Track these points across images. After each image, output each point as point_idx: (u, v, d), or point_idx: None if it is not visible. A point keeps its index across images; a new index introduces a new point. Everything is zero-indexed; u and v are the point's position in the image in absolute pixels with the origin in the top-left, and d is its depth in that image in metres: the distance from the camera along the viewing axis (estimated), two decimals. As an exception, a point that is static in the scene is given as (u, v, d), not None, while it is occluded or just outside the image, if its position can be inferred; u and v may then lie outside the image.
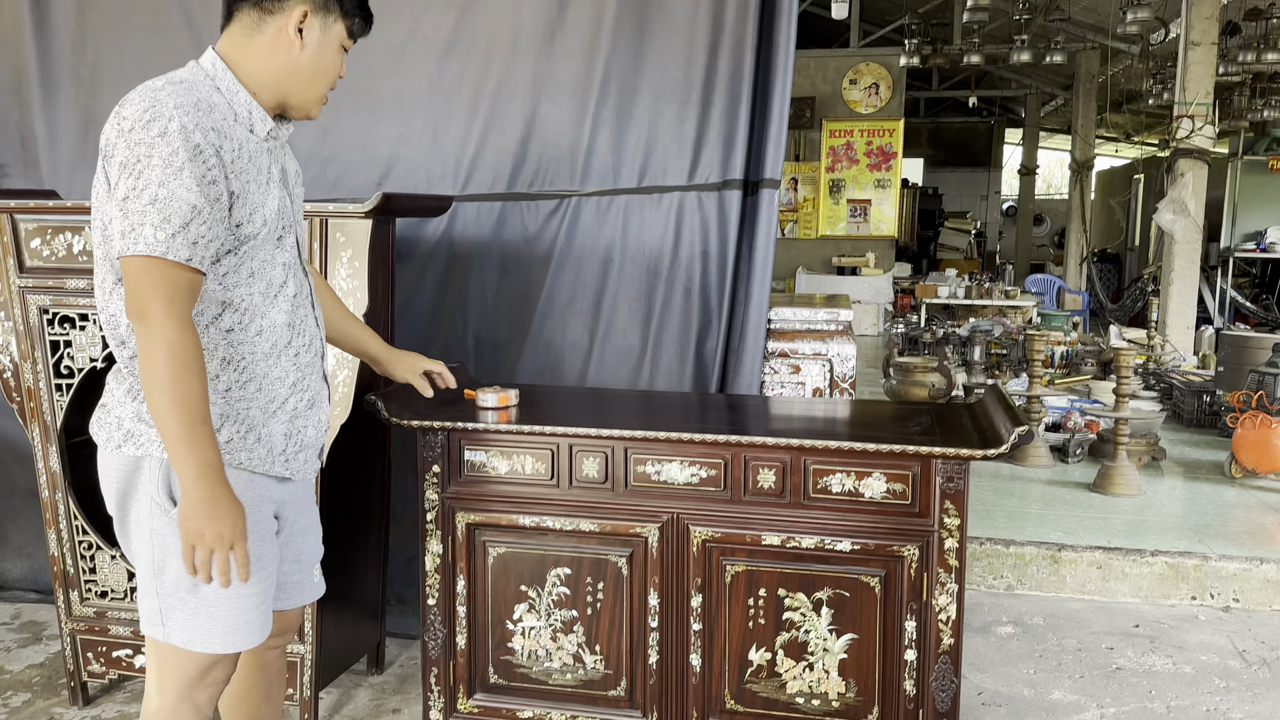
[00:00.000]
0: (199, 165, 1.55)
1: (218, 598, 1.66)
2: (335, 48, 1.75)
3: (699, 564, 2.11)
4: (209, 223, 1.57)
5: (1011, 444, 1.88)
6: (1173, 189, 7.26)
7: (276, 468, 1.75)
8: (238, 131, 1.64)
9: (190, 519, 1.57)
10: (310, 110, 1.78)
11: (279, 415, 1.75)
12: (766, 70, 2.98)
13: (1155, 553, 3.68)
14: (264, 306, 1.71)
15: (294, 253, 1.79)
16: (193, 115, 1.56)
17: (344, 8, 1.74)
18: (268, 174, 1.69)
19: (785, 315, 3.11)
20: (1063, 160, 19.65)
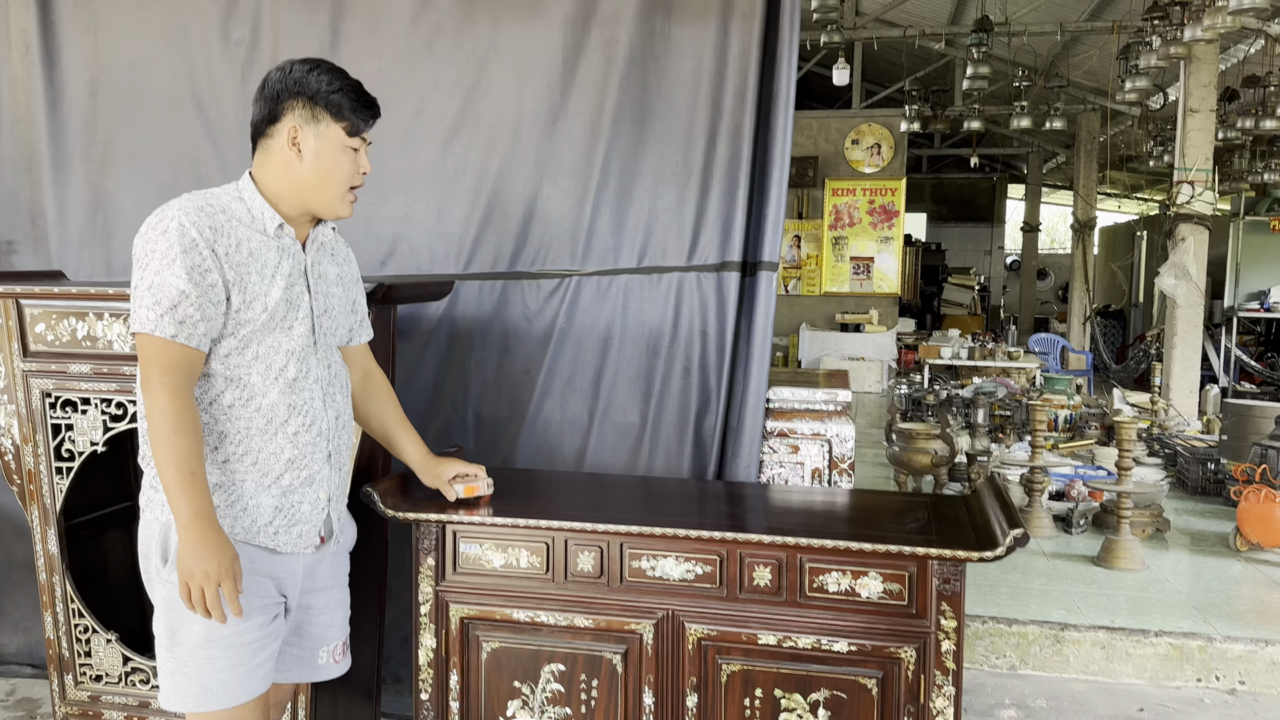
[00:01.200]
0: (191, 257, 1.77)
1: (190, 656, 1.84)
2: (336, 150, 1.89)
3: (694, 662, 2.09)
4: (198, 305, 1.78)
5: (1006, 548, 1.88)
6: (1174, 254, 7.29)
7: (262, 538, 1.89)
8: (240, 230, 1.85)
9: (184, 560, 1.75)
10: (335, 209, 1.95)
11: (271, 489, 1.89)
12: (764, 156, 3.02)
13: (1160, 633, 3.64)
14: (264, 386, 1.88)
15: (304, 341, 1.93)
16: (192, 215, 1.80)
17: (333, 112, 1.87)
18: (275, 269, 1.88)
19: (784, 395, 3.11)
20: (1065, 214, 19.77)
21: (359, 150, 1.94)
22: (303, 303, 1.93)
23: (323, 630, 2.06)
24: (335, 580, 2.10)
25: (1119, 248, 15.99)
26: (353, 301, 2.13)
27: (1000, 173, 18.83)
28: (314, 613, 2.04)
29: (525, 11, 3.10)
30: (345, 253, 2.15)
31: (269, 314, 1.86)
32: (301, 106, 1.87)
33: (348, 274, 2.11)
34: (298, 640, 2.03)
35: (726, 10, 2.99)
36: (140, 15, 3.26)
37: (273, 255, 1.88)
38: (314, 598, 2.03)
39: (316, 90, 1.86)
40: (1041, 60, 10.01)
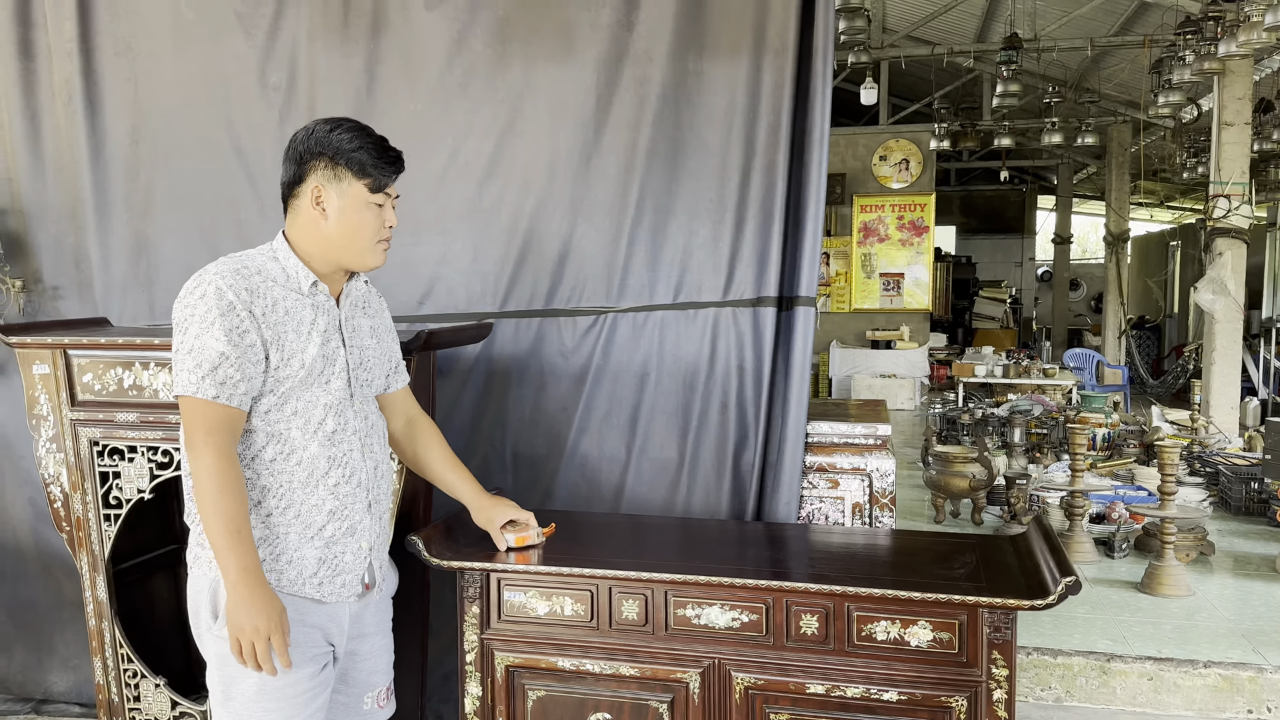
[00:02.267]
0: (229, 319, 1.83)
1: (245, 710, 1.88)
2: (360, 206, 1.93)
3: (742, 712, 2.08)
4: (238, 366, 1.83)
5: (1058, 597, 1.86)
6: (1211, 269, 7.20)
7: (307, 589, 1.93)
8: (276, 290, 1.90)
9: (234, 615, 1.79)
10: (365, 263, 1.98)
11: (314, 541, 1.93)
12: (799, 190, 3.02)
13: (1209, 664, 3.58)
14: (303, 440, 1.92)
15: (341, 395, 1.97)
16: (229, 279, 1.85)
17: (354, 170, 1.91)
18: (310, 326, 1.93)
19: (823, 429, 3.10)
20: (1097, 224, 19.60)
21: (384, 205, 1.97)
22: (338, 357, 1.97)
23: (368, 676, 2.10)
24: (379, 626, 2.14)
25: (1153, 258, 15.81)
26: (387, 351, 2.17)
27: (1030, 184, 18.69)
28: (359, 659, 2.08)
29: (558, 52, 3.13)
30: (378, 304, 2.19)
31: (306, 370, 1.91)
32: (324, 166, 1.91)
33: (380, 325, 2.15)
34: (344, 687, 2.07)
35: (759, 47, 3.00)
36: (179, 63, 3.32)
37: (308, 313, 1.93)
38: (359, 644, 2.07)
39: (338, 149, 1.90)
40: (1071, 74, 9.94)
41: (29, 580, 3.49)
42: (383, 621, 2.16)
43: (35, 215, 3.42)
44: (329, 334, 1.96)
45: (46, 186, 3.41)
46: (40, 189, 3.41)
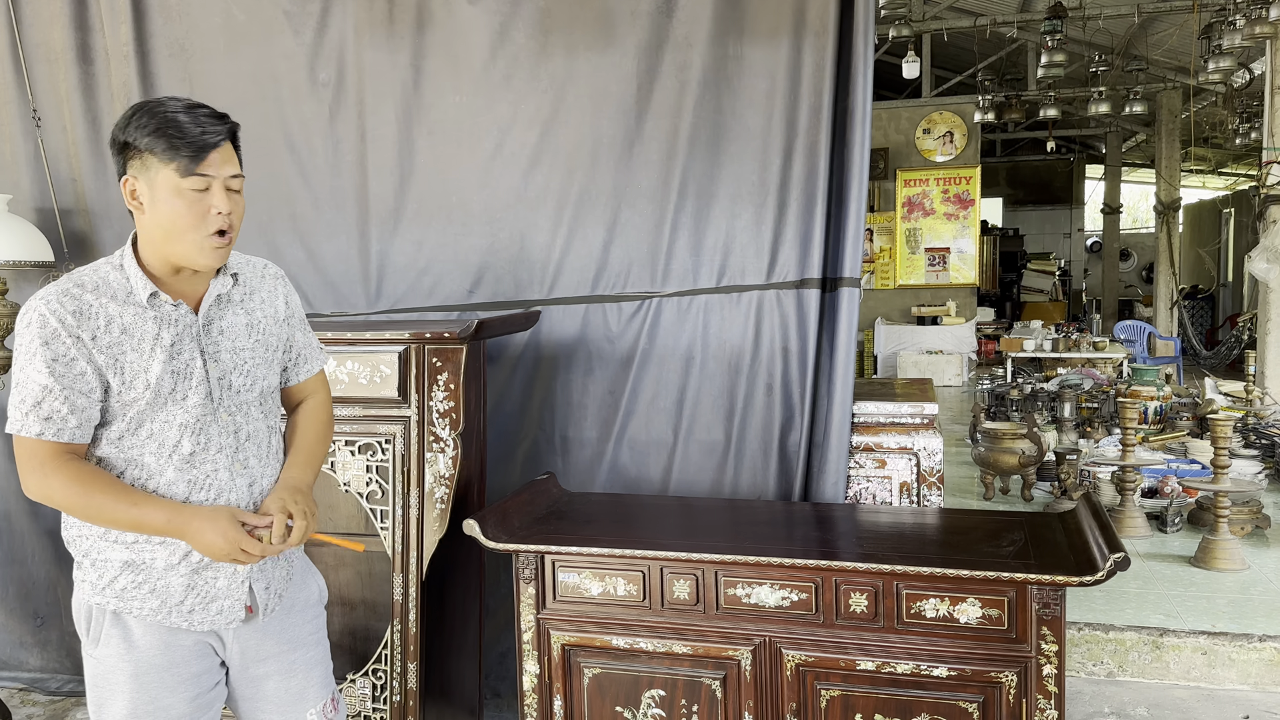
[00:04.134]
0: (53, 348, 1.66)
1: None
2: (171, 193, 1.68)
3: (793, 688, 2.13)
4: (64, 399, 1.68)
5: (1107, 573, 1.88)
6: (1265, 237, 7.05)
7: (173, 619, 1.79)
8: (110, 307, 1.71)
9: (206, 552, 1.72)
10: (194, 260, 1.73)
11: (180, 568, 1.78)
12: (842, 172, 3.03)
13: (1264, 638, 3.55)
14: (158, 466, 1.76)
15: (201, 411, 1.78)
16: (54, 302, 1.67)
17: (158, 155, 1.67)
18: (153, 341, 1.73)
19: (869, 409, 3.12)
20: (1146, 193, 19.20)
21: (209, 189, 1.69)
22: (193, 371, 1.77)
23: (299, 693, 1.94)
24: (294, 642, 1.95)
25: (1205, 226, 15.48)
26: (275, 344, 1.93)
27: (1078, 153, 18.34)
28: (275, 679, 1.92)
29: (599, 41, 3.16)
30: (267, 291, 1.94)
31: (153, 391, 1.73)
32: (133, 156, 1.70)
33: (267, 315, 1.91)
34: (271, 707, 1.93)
35: (799, 29, 3.01)
36: (231, 63, 3.40)
37: (150, 327, 1.73)
38: (266, 666, 1.91)
39: (136, 137, 1.68)
40: (1118, 41, 9.74)
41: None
42: (300, 637, 1.97)
43: (100, 214, 3.54)
44: (178, 347, 1.76)
45: (109, 186, 3.52)
46: (103, 188, 3.53)
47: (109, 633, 1.79)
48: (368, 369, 2.60)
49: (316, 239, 3.41)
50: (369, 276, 3.40)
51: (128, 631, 1.79)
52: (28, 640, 3.75)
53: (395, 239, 3.36)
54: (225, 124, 1.74)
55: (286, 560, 1.95)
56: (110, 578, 1.78)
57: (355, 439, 2.63)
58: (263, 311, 1.90)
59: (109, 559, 1.77)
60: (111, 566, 1.77)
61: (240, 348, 1.85)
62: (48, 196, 3.54)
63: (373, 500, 2.64)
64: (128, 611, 1.78)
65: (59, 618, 3.72)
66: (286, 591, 1.94)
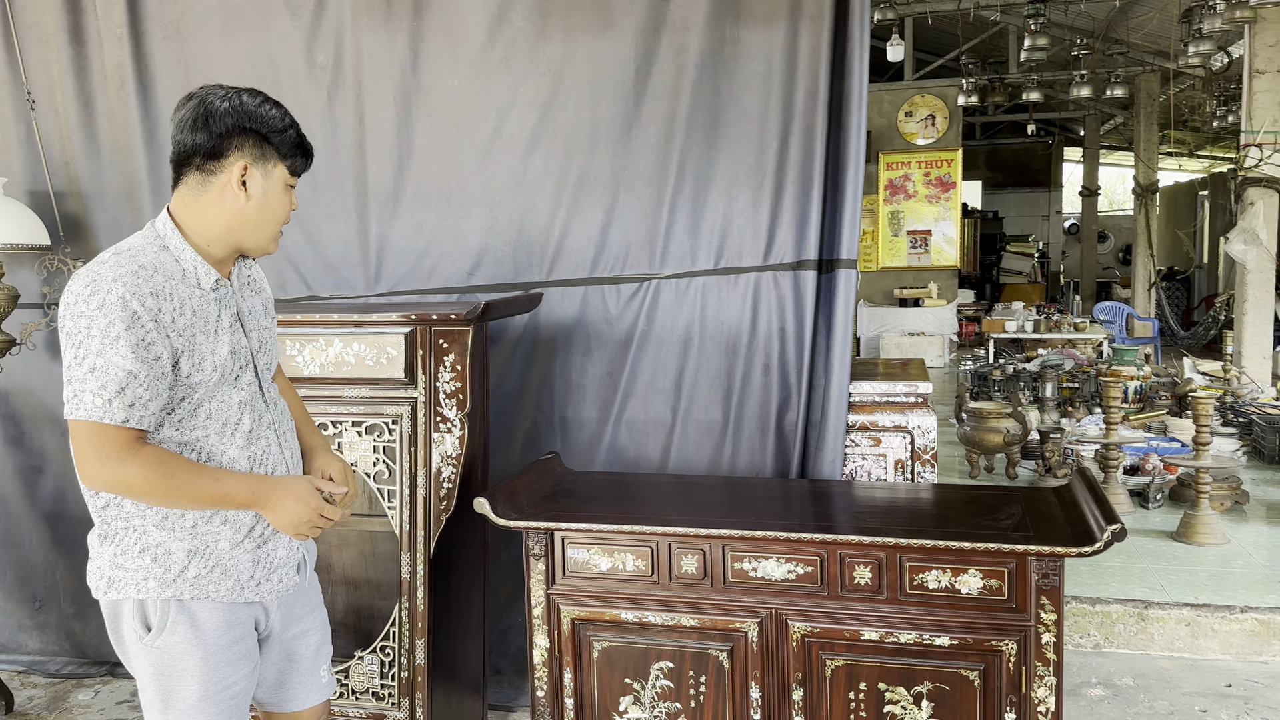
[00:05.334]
0: (135, 333, 1.63)
1: (186, 716, 1.78)
2: (280, 190, 1.80)
3: (799, 658, 2.19)
4: (146, 384, 1.65)
5: (1104, 543, 1.94)
6: (1243, 219, 7.17)
7: (246, 594, 1.83)
8: (180, 290, 1.71)
9: (286, 528, 1.82)
10: (266, 247, 1.85)
11: (245, 544, 1.82)
12: (838, 154, 3.07)
13: (1245, 609, 3.66)
14: (221, 444, 1.79)
15: (252, 388, 1.85)
16: (131, 284, 1.65)
17: (281, 152, 1.78)
18: (216, 323, 1.77)
19: (865, 389, 3.17)
20: (1124, 175, 19.37)
21: (292, 189, 1.86)
22: (243, 349, 1.84)
23: (316, 650, 2.03)
24: (312, 604, 2.04)
25: (1182, 209, 15.66)
26: (274, 326, 2.02)
27: (1056, 136, 18.48)
28: (301, 639, 2.00)
29: (597, 24, 3.18)
30: (258, 274, 2.01)
31: (220, 373, 1.77)
32: (253, 144, 1.74)
33: (268, 298, 2.00)
34: (300, 668, 2.00)
35: (795, 13, 3.04)
36: (228, 45, 3.40)
37: (213, 309, 1.78)
38: (299, 627, 1.99)
39: (270, 127, 1.76)
40: (1099, 25, 9.82)
41: (101, 549, 3.64)
42: (315, 598, 2.06)
43: (93, 197, 3.53)
44: (234, 328, 1.82)
45: (103, 169, 3.52)
46: (97, 171, 3.52)
47: (176, 620, 1.77)
48: (374, 350, 2.63)
49: (315, 222, 3.42)
50: (368, 259, 3.41)
51: (194, 618, 1.78)
52: (26, 623, 3.77)
53: (394, 222, 3.38)
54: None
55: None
56: (179, 569, 1.76)
57: (362, 420, 2.65)
58: (266, 294, 2.00)
59: (172, 551, 1.76)
60: (178, 558, 1.76)
61: (262, 327, 1.92)
62: (41, 179, 3.53)
63: (379, 480, 2.67)
64: (202, 598, 1.78)
65: (57, 601, 3.74)
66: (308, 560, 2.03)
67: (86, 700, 3.46)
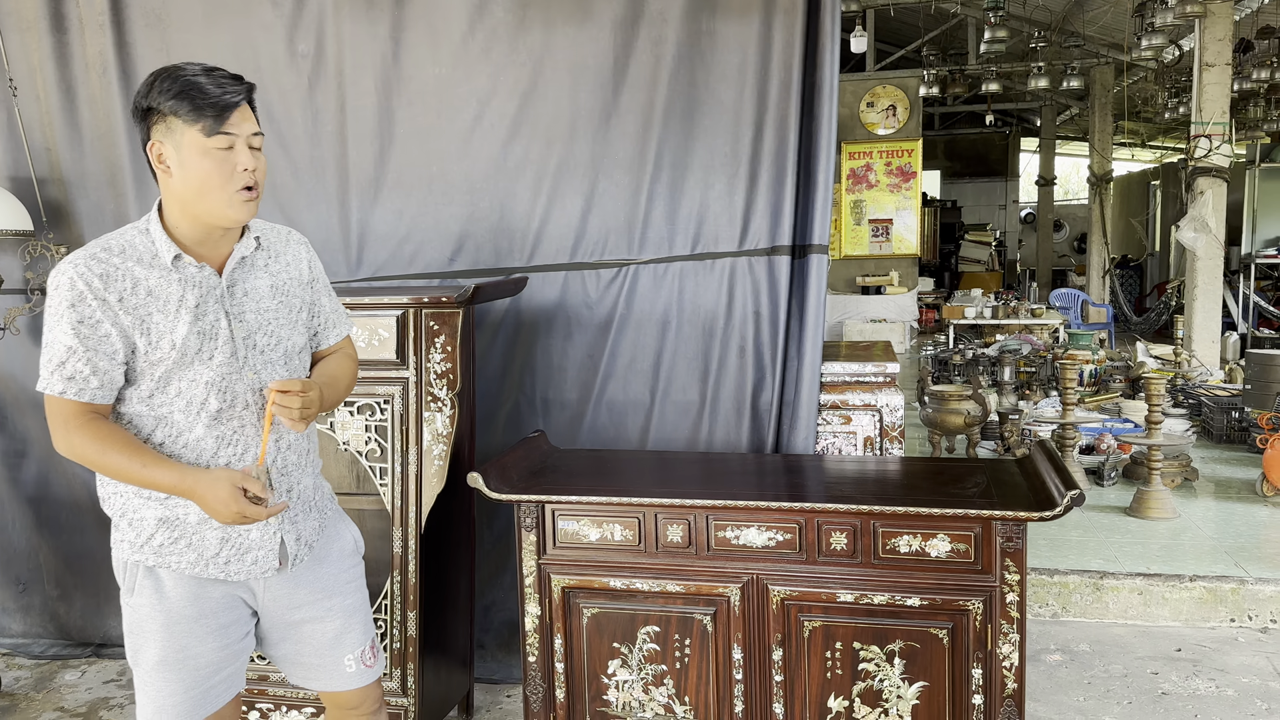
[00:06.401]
0: (77, 310, 1.74)
1: (147, 677, 1.89)
2: (199, 154, 1.75)
3: (779, 620, 2.31)
4: (86, 360, 1.75)
5: (1064, 508, 2.08)
6: (1193, 207, 7.41)
7: (211, 570, 1.87)
8: (137, 270, 1.78)
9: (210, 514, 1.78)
10: (225, 215, 1.79)
11: (212, 522, 1.84)
12: (810, 143, 3.19)
13: (1194, 578, 3.85)
14: (188, 422, 1.82)
15: (227, 370, 1.84)
16: (83, 265, 1.75)
17: (183, 117, 1.74)
18: (178, 303, 1.80)
19: (835, 369, 3.30)
20: (1079, 165, 19.78)
21: (233, 147, 1.77)
22: (219, 330, 1.83)
23: (336, 638, 2.02)
24: (327, 591, 2.02)
25: (1135, 198, 16.03)
26: (302, 305, 1.99)
27: (1014, 127, 18.82)
28: (311, 625, 2.00)
29: (576, 15, 3.27)
30: (290, 255, 1.99)
31: (179, 350, 1.79)
32: (157, 120, 1.76)
33: (290, 278, 1.96)
34: (309, 650, 2.02)
35: (769, 6, 3.15)
36: (210, 33, 3.44)
37: (175, 289, 1.80)
38: (301, 613, 1.99)
39: (159, 101, 1.75)
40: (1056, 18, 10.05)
41: (85, 531, 3.69)
42: (335, 586, 2.03)
43: (75, 184, 3.56)
44: (203, 308, 1.82)
45: (85, 156, 3.55)
46: (79, 158, 3.55)
47: (142, 584, 1.87)
48: (366, 332, 2.71)
49: (296, 208, 3.48)
50: (349, 244, 3.48)
51: (160, 584, 1.86)
52: (10, 606, 3.80)
53: (376, 208, 3.45)
54: (243, 84, 1.82)
55: (319, 511, 2.02)
56: (147, 535, 1.85)
57: (354, 400, 2.73)
58: (286, 274, 1.96)
59: (145, 517, 1.84)
60: (148, 525, 1.84)
61: (264, 309, 1.90)
62: (23, 166, 3.55)
63: (371, 458, 2.75)
64: (164, 566, 1.86)
65: (41, 584, 3.77)
66: (318, 542, 2.01)
67: (73, 680, 3.51)
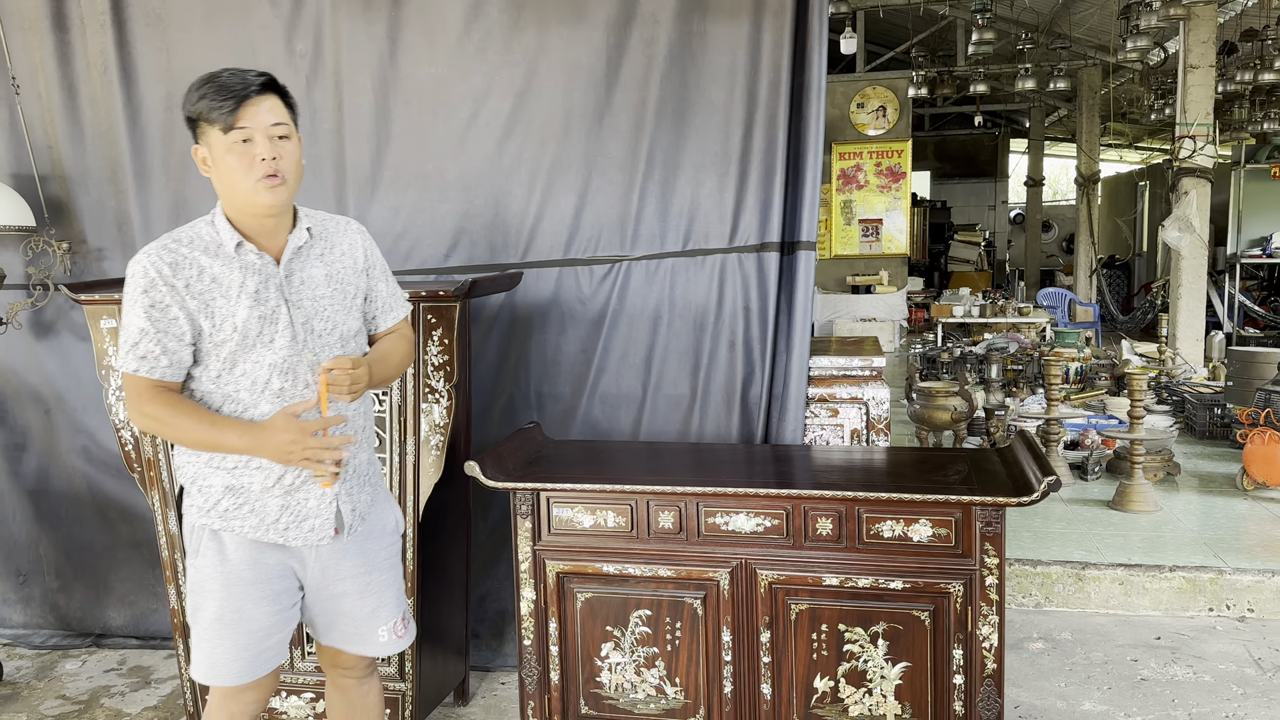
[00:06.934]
0: (149, 295, 1.92)
1: (203, 634, 2.07)
2: (224, 150, 1.90)
3: (766, 604, 2.39)
4: (157, 340, 1.93)
5: (1041, 493, 2.16)
6: (1177, 207, 7.52)
7: (271, 535, 2.03)
8: (202, 259, 1.95)
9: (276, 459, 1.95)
10: (253, 203, 1.93)
11: (275, 490, 2.02)
12: (799, 142, 3.27)
13: (1174, 568, 3.93)
14: (253, 400, 1.99)
15: (288, 352, 1.98)
16: (154, 254, 1.94)
17: (207, 119, 1.90)
18: (239, 289, 1.95)
19: (823, 363, 3.38)
20: (1068, 167, 19.91)
21: (251, 140, 1.90)
22: (279, 316, 1.97)
23: (373, 611, 2.17)
24: (371, 566, 2.17)
25: (1122, 198, 16.17)
26: (357, 291, 2.12)
27: (1003, 128, 18.95)
28: (352, 598, 2.14)
29: (570, 16, 3.34)
30: (346, 244, 2.13)
31: (240, 333, 1.94)
32: (195, 128, 1.94)
33: (345, 267, 2.10)
34: (349, 620, 2.16)
35: (759, 8, 3.23)
36: (209, 33, 3.50)
37: (236, 275, 1.95)
38: (345, 585, 2.13)
39: (190, 111, 1.93)
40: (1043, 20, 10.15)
41: (85, 524, 3.74)
42: (374, 562, 2.18)
43: (77, 180, 3.61)
44: (263, 295, 1.96)
45: (86, 153, 3.60)
46: (80, 155, 3.60)
47: (206, 546, 2.05)
48: (364, 325, 2.77)
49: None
50: (347, 241, 3.53)
51: (222, 546, 2.04)
52: (11, 598, 3.85)
53: (372, 205, 3.51)
54: (259, 78, 1.93)
55: (371, 485, 2.18)
56: (214, 501, 2.02)
57: (353, 391, 2.79)
58: (341, 264, 2.10)
59: (213, 484, 2.02)
60: (215, 491, 2.02)
61: (319, 296, 2.04)
62: (25, 163, 3.60)
63: (369, 449, 2.81)
64: (228, 530, 2.03)
65: (41, 575, 3.83)
66: (370, 514, 2.17)
67: (74, 669, 3.56)
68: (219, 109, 1.88)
